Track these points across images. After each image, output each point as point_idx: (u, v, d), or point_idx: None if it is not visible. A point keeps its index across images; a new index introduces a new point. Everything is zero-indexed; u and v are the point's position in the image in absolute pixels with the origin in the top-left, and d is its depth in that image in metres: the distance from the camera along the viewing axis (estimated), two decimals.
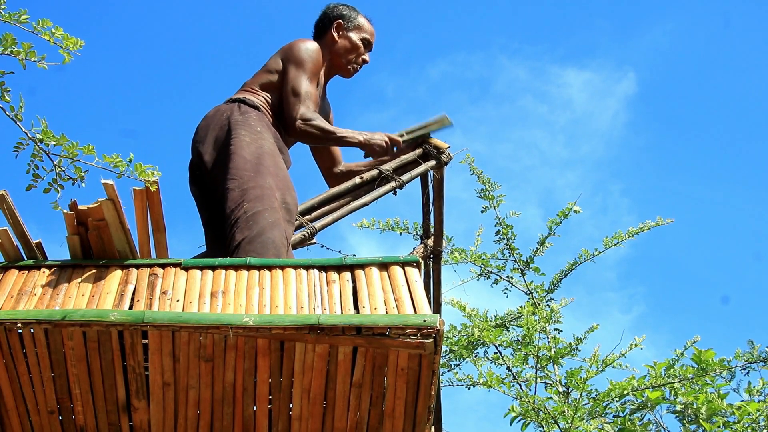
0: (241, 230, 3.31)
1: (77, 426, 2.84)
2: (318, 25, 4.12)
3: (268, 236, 3.28)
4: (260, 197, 3.40)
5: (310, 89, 3.83)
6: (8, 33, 2.80)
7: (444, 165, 4.04)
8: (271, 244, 3.26)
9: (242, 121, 3.66)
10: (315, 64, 3.89)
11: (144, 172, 2.85)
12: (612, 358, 5.76)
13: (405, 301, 2.76)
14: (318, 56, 3.91)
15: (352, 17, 4.08)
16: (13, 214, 2.93)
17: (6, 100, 2.83)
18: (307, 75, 3.84)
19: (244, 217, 3.34)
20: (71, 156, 2.84)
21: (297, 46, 3.90)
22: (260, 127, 3.67)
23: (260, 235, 3.28)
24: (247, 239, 3.27)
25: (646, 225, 6.50)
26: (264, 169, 3.49)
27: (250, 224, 3.31)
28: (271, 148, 3.61)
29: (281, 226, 3.35)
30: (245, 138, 3.59)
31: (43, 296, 2.81)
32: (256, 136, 3.61)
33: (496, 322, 6.30)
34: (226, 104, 3.79)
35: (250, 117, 3.69)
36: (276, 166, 3.56)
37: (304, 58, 3.86)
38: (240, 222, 3.33)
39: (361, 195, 3.85)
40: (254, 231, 3.29)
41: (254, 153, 3.54)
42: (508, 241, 6.46)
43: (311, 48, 3.91)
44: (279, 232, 3.32)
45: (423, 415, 2.79)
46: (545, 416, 5.53)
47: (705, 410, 5.70)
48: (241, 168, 3.48)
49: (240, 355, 2.70)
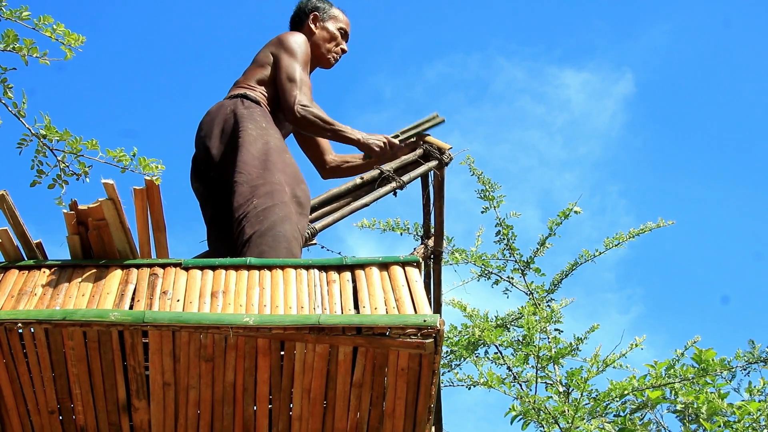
0: (251, 224, 3.30)
1: (77, 426, 2.84)
2: (294, 20, 4.17)
3: (279, 230, 3.28)
4: (270, 193, 3.40)
5: (304, 77, 3.85)
6: (10, 29, 2.80)
7: (445, 165, 4.04)
8: (283, 238, 3.26)
9: (248, 114, 3.67)
10: (306, 54, 3.92)
11: (148, 166, 2.85)
12: (612, 358, 5.76)
13: (405, 301, 2.76)
14: (307, 47, 3.96)
15: (326, 9, 4.15)
16: (14, 214, 2.93)
17: (9, 96, 2.83)
18: (300, 64, 3.86)
19: (255, 211, 3.33)
20: (75, 151, 2.84)
21: (286, 38, 3.93)
22: (265, 123, 3.68)
23: (272, 229, 3.28)
24: (258, 233, 3.27)
25: (647, 226, 6.50)
26: (272, 165, 3.49)
27: (261, 219, 3.31)
28: (277, 144, 3.61)
29: (293, 220, 3.36)
30: (252, 132, 3.59)
31: (44, 296, 2.81)
32: (262, 131, 3.62)
33: (497, 322, 6.30)
34: (229, 100, 3.79)
35: (255, 112, 3.70)
36: (283, 162, 3.56)
37: (295, 48, 3.89)
38: (250, 216, 3.32)
39: (362, 195, 3.85)
40: (265, 225, 3.29)
41: (261, 149, 3.54)
42: (509, 242, 6.46)
43: (301, 39, 3.95)
44: (291, 226, 3.32)
45: (423, 415, 2.79)
46: (546, 416, 5.53)
47: (705, 410, 5.70)
48: (249, 163, 3.48)
49: (240, 355, 2.70)
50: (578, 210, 6.45)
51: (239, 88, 3.86)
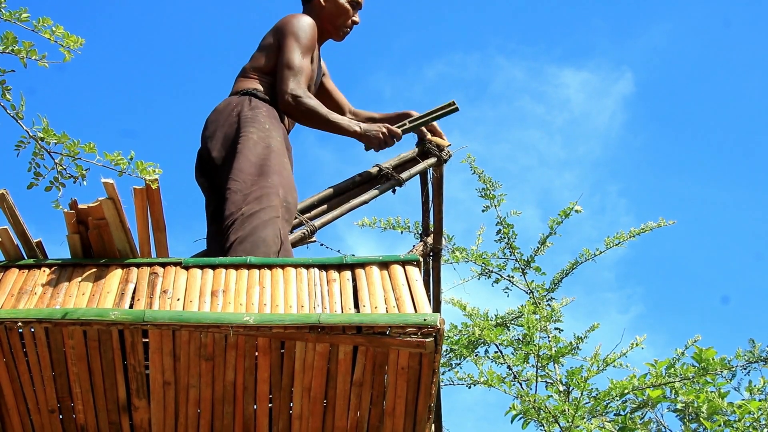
0: (235, 231, 3.30)
1: (78, 425, 2.84)
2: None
3: (260, 235, 3.27)
4: (260, 198, 3.39)
5: (303, 64, 3.78)
6: (9, 31, 2.80)
7: (444, 162, 4.04)
8: (262, 242, 3.25)
9: (251, 117, 3.64)
10: (310, 39, 3.84)
11: (145, 170, 2.85)
12: (613, 357, 5.76)
13: (405, 300, 2.76)
14: (313, 31, 3.87)
15: None
16: (14, 214, 2.93)
17: (7, 98, 2.83)
18: (302, 50, 3.79)
19: (241, 218, 3.33)
20: (72, 154, 2.84)
21: (291, 22, 3.86)
22: (269, 124, 3.65)
23: (252, 234, 3.27)
24: (239, 239, 3.27)
25: (648, 225, 6.49)
26: (268, 169, 3.47)
27: (245, 225, 3.31)
28: (278, 147, 3.58)
29: (276, 224, 3.34)
30: (253, 136, 3.57)
31: (44, 295, 2.81)
32: (265, 134, 3.59)
33: (497, 321, 6.30)
34: (238, 97, 3.76)
35: (260, 113, 3.67)
36: (281, 165, 3.55)
37: (299, 33, 3.82)
38: (236, 223, 3.33)
39: (361, 193, 3.85)
40: (247, 230, 3.29)
41: (260, 154, 3.52)
42: (509, 241, 6.46)
43: (306, 22, 3.87)
44: (271, 230, 3.31)
45: (423, 414, 2.79)
46: (546, 415, 5.53)
47: (706, 409, 5.70)
48: (245, 171, 3.47)
49: (240, 354, 2.70)
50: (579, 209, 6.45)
51: (247, 79, 3.82)
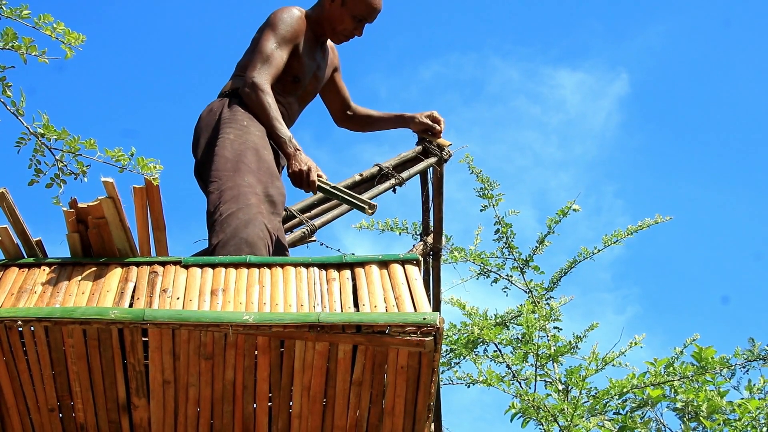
0: (216, 234, 3.29)
1: (77, 424, 2.84)
2: None
3: (242, 236, 3.26)
4: (236, 197, 3.36)
5: (274, 54, 3.71)
6: (9, 27, 2.80)
7: (444, 162, 4.04)
8: (245, 243, 3.24)
9: (229, 118, 3.62)
10: (288, 31, 3.77)
11: (146, 166, 2.85)
12: (611, 356, 5.77)
13: (405, 299, 2.76)
14: (294, 23, 3.80)
15: None
16: (13, 212, 2.93)
17: (8, 95, 2.83)
18: (276, 39, 3.74)
19: (219, 219, 3.31)
20: (73, 150, 2.83)
21: (274, 13, 3.83)
22: (247, 121, 3.61)
23: (234, 237, 3.25)
24: (221, 243, 3.25)
25: (645, 223, 6.51)
26: (243, 167, 3.45)
27: (224, 227, 3.28)
28: (255, 142, 3.55)
29: (258, 221, 3.31)
30: (230, 136, 3.54)
31: (44, 294, 2.81)
32: (242, 131, 3.56)
33: (496, 320, 6.31)
34: (219, 100, 3.75)
35: (238, 111, 3.64)
36: (259, 159, 3.51)
37: (278, 23, 3.77)
38: (216, 226, 3.31)
39: (361, 193, 3.85)
40: (227, 233, 3.26)
41: (236, 150, 3.49)
42: (508, 240, 6.47)
43: (286, 14, 3.81)
44: (254, 229, 3.28)
45: (423, 413, 2.79)
46: (545, 414, 5.53)
47: (705, 408, 5.70)
48: (221, 169, 3.45)
49: (240, 353, 2.70)
50: (577, 208, 6.45)
51: (233, 79, 3.81)
